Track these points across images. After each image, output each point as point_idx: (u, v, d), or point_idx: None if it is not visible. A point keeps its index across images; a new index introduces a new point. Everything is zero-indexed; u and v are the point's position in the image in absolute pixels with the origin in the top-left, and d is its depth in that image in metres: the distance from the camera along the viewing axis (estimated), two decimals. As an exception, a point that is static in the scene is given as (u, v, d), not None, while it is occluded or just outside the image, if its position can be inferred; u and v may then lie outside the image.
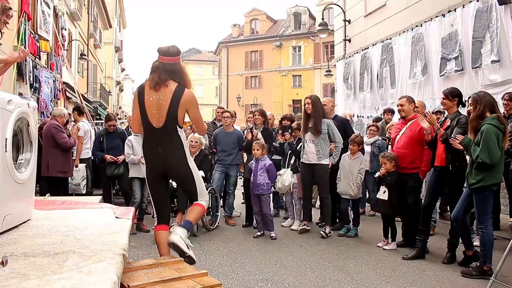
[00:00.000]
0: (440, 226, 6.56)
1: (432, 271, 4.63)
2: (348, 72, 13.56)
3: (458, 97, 5.01)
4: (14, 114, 2.68)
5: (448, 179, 4.98)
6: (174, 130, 3.64)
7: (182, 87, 3.66)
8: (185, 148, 3.71)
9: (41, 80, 12.45)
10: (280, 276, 4.42)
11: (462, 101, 5.08)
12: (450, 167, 4.89)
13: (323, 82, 31.59)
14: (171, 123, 3.62)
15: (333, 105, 7.13)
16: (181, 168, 3.68)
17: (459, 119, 4.87)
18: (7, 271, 1.94)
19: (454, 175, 4.90)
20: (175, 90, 3.62)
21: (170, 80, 3.66)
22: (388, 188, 5.46)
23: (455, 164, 4.85)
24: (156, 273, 2.65)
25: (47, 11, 13.34)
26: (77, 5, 19.13)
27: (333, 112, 7.02)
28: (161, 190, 3.83)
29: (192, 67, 53.60)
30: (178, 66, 3.80)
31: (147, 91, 3.70)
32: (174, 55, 3.78)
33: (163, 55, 3.76)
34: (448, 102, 5.02)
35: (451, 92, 5.04)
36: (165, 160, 3.66)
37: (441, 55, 8.96)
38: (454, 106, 5.01)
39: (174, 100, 3.60)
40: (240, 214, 7.45)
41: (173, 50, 3.79)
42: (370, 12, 12.86)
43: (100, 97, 25.81)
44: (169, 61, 3.74)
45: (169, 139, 3.68)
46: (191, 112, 3.73)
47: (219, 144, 7.09)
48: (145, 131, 3.78)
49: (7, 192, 2.63)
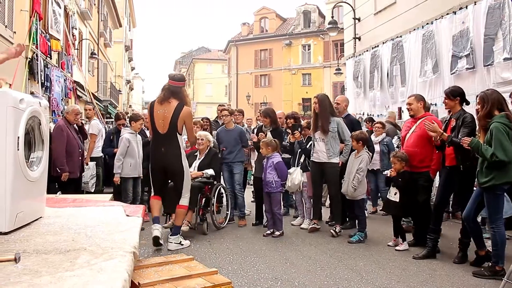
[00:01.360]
0: (451, 225, 6.51)
1: (443, 270, 4.59)
2: (358, 70, 13.50)
3: (459, 95, 4.98)
4: (26, 112, 2.71)
5: (458, 179, 4.94)
6: (174, 135, 4.98)
7: (182, 105, 4.99)
8: (182, 150, 5.05)
9: (52, 79, 12.54)
10: (290, 274, 4.41)
11: (465, 99, 5.04)
12: (461, 167, 4.85)
13: (332, 80, 31.46)
14: (172, 130, 4.97)
15: (346, 104, 7.05)
16: (176, 164, 5.04)
17: (464, 118, 4.81)
18: (20, 267, 1.96)
19: (465, 175, 4.86)
20: (176, 106, 4.96)
21: (173, 99, 5.00)
22: (399, 189, 5.41)
23: (466, 164, 4.81)
24: (166, 271, 2.66)
25: (58, 11, 13.44)
26: (87, 5, 19.24)
27: (346, 111, 6.97)
28: (160, 178, 5.33)
29: (202, 66, 53.71)
30: (180, 89, 5.10)
31: (156, 106, 5.08)
32: (178, 80, 5.11)
33: (171, 79, 5.08)
34: (449, 101, 5.00)
35: (452, 92, 5.01)
36: (166, 157, 5.04)
37: (452, 53, 8.89)
38: (457, 105, 4.98)
39: (175, 113, 4.95)
40: (250, 213, 7.45)
41: (178, 77, 5.16)
42: (380, 10, 12.80)
43: (110, 96, 25.93)
44: (174, 84, 5.06)
45: (170, 142, 5.00)
46: (187, 123, 5.07)
47: (222, 142, 7.08)
48: (153, 135, 5.20)
49: (19, 190, 2.66)
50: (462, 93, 5.01)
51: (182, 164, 5.06)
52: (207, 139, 6.58)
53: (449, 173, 5.03)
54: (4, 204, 2.55)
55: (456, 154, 4.85)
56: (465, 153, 4.67)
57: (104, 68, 25.14)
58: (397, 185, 5.41)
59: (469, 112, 4.94)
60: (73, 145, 6.41)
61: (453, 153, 4.89)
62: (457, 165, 4.88)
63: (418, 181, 5.33)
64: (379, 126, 8.00)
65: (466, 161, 4.79)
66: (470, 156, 4.71)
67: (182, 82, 5.17)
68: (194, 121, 7.56)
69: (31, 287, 1.74)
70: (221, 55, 50.47)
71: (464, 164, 4.81)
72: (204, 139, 6.53)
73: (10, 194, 2.56)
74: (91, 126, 7.98)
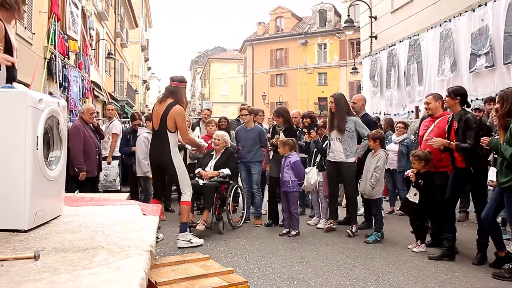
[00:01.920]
0: (469, 226, 6.42)
1: (461, 272, 4.52)
2: (374, 69, 13.39)
3: (461, 96, 4.96)
4: (45, 112, 2.74)
5: (469, 180, 4.91)
6: (164, 132, 5.12)
7: (175, 103, 5.13)
8: (172, 148, 5.13)
9: (70, 79, 12.72)
10: (306, 274, 4.39)
11: (466, 100, 5.06)
12: (471, 169, 4.81)
13: (349, 79, 31.33)
14: (162, 127, 5.13)
15: (363, 104, 6.97)
16: (167, 162, 5.15)
17: (466, 119, 4.79)
18: (40, 265, 1.98)
19: (476, 176, 4.84)
20: (168, 104, 5.14)
21: (169, 98, 5.20)
22: (419, 190, 5.31)
23: (476, 165, 4.77)
24: (182, 270, 2.67)
25: (75, 12, 13.62)
26: (104, 5, 19.45)
27: (363, 110, 6.90)
28: (157, 176, 5.53)
29: (217, 66, 53.89)
30: (178, 89, 5.29)
31: (156, 104, 5.39)
32: (177, 81, 5.31)
33: (171, 80, 5.32)
34: (449, 100, 5.00)
35: (454, 91, 5.02)
36: (156, 153, 5.25)
37: (470, 51, 8.75)
38: (457, 105, 4.97)
39: (166, 111, 5.12)
40: (266, 212, 7.44)
41: (177, 78, 5.35)
42: (397, 8, 12.67)
43: (127, 96, 26.19)
44: (173, 85, 5.28)
45: (160, 138, 5.18)
46: (177, 122, 5.12)
47: (240, 140, 7.05)
48: (152, 132, 5.50)
49: (38, 189, 2.69)
50: (464, 93, 5.02)
51: (172, 159, 5.12)
52: (223, 140, 6.57)
53: (458, 174, 4.99)
54: (23, 203, 2.59)
55: (464, 157, 4.80)
56: (472, 155, 4.65)
57: (120, 68, 25.40)
58: (417, 186, 5.32)
59: (469, 111, 4.92)
60: (90, 144, 6.47)
61: (461, 156, 4.85)
62: (466, 167, 4.84)
63: (436, 181, 5.25)
64: (401, 126, 7.91)
65: (475, 163, 4.77)
66: (479, 157, 4.69)
67: (180, 82, 5.34)
68: (209, 120, 7.70)
69: (50, 284, 1.75)
70: (237, 55, 50.59)
71: (474, 165, 4.78)
72: (220, 139, 6.53)
73: (29, 193, 2.60)
74: (113, 126, 8.08)
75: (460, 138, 4.77)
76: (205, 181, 6.23)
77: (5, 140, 2.59)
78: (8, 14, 3.02)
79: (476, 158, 4.74)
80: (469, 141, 4.66)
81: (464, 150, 4.69)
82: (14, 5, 3.00)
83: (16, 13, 3.08)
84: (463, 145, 4.68)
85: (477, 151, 4.66)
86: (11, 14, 3.05)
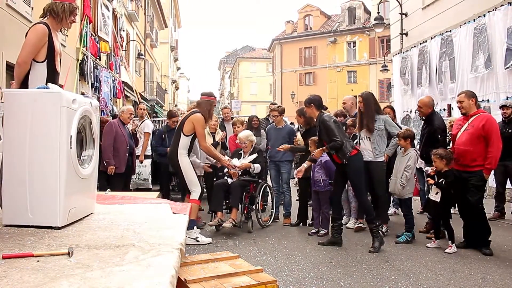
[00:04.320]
0: (505, 226, 6.24)
1: (497, 274, 4.38)
2: (405, 67, 13.17)
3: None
4: (78, 112, 2.80)
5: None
6: (178, 134, 5.50)
7: (196, 111, 5.57)
8: (180, 150, 5.42)
9: (101, 79, 12.97)
10: (335, 274, 4.35)
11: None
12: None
13: (378, 77, 30.85)
14: (179, 129, 5.54)
15: (353, 103, 6.91)
16: (174, 161, 5.51)
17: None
18: (73, 261, 2.04)
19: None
20: (192, 111, 5.65)
21: (196, 108, 5.70)
22: (440, 189, 5.21)
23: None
24: (212, 268, 2.68)
25: (106, 14, 13.88)
26: (134, 7, 19.75)
27: (354, 109, 6.77)
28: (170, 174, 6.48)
29: (246, 65, 54.02)
30: (205, 102, 5.68)
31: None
32: (204, 95, 5.79)
33: (201, 94, 5.83)
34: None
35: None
36: (169, 153, 5.64)
37: (506, 47, 8.50)
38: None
39: (187, 115, 5.59)
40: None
41: (206, 93, 5.86)
42: (428, 4, 12.41)
43: (156, 95, 26.54)
44: (202, 98, 5.76)
45: (174, 139, 5.55)
46: (196, 128, 5.45)
47: (270, 139, 7.07)
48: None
49: (71, 187, 2.76)
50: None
51: (178, 161, 5.42)
52: (249, 141, 6.55)
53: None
54: (57, 200, 2.66)
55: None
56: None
57: (150, 68, 25.75)
58: (438, 184, 5.21)
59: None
60: (121, 141, 6.68)
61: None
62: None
63: (470, 181, 5.12)
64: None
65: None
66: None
67: (208, 96, 5.76)
68: (234, 120, 7.70)
69: (83, 280, 1.79)
70: (265, 54, 50.56)
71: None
72: (246, 142, 6.52)
73: (63, 191, 2.67)
74: (145, 125, 8.21)
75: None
76: (234, 179, 6.26)
77: (41, 139, 2.66)
78: (56, 22, 3.28)
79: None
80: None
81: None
82: (61, 14, 3.26)
83: (63, 22, 3.31)
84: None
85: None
86: (58, 22, 3.29)
